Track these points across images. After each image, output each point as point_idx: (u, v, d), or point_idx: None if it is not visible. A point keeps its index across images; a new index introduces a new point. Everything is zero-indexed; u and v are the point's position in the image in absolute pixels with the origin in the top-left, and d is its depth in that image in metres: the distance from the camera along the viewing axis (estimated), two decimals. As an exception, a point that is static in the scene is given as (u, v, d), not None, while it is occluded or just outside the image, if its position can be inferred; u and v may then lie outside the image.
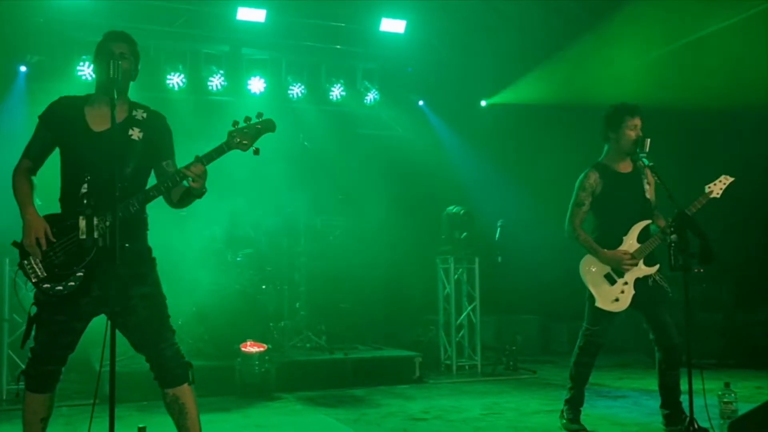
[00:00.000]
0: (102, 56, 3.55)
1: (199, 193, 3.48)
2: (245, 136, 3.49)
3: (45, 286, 3.39)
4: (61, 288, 3.38)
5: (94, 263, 3.39)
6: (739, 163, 5.14)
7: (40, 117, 3.62)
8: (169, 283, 3.68)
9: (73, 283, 3.39)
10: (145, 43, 8.61)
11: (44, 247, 3.39)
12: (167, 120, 3.76)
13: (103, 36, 3.67)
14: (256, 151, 3.51)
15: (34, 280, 3.41)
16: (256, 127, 3.52)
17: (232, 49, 9.16)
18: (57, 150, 3.64)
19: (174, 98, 8.68)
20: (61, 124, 3.56)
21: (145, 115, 3.66)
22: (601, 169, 5.04)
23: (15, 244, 3.47)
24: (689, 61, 9.06)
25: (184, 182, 3.48)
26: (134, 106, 3.69)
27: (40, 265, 3.40)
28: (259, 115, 3.55)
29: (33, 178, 3.59)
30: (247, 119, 3.52)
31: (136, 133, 3.59)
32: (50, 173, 3.67)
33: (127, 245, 3.46)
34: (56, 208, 3.56)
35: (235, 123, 3.52)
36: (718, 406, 4.81)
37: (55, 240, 3.42)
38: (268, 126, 3.55)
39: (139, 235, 3.62)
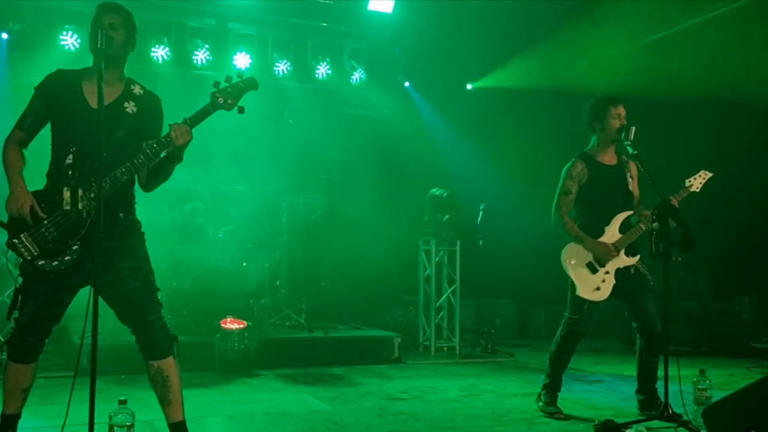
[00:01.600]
0: (93, 28, 3.50)
1: (176, 158, 3.47)
2: (228, 95, 3.50)
3: (40, 263, 3.35)
4: (57, 263, 3.35)
5: (87, 235, 3.36)
6: (717, 154, 5.18)
7: (36, 88, 3.56)
8: (150, 257, 3.66)
9: (69, 257, 3.37)
10: (130, 14, 8.50)
11: (28, 218, 3.34)
12: (161, 102, 3.73)
13: (96, 8, 3.61)
14: (241, 110, 3.52)
15: (28, 258, 3.35)
16: (239, 86, 3.53)
17: (218, 23, 9.04)
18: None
19: (158, 71, 8.56)
20: (58, 98, 3.50)
21: (141, 91, 3.64)
22: (586, 160, 5.10)
23: (1, 223, 3.40)
24: (675, 50, 9.11)
25: (162, 153, 3.45)
26: (132, 82, 3.66)
27: (32, 241, 3.35)
28: (240, 74, 3.56)
29: (24, 151, 3.54)
30: (228, 79, 3.53)
31: (130, 107, 3.56)
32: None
33: (121, 215, 3.48)
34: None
35: (216, 84, 3.52)
36: (692, 393, 4.89)
37: (45, 216, 3.38)
38: (251, 84, 3.56)
39: (127, 206, 3.61)
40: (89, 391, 2.99)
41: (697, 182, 4.91)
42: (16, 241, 3.36)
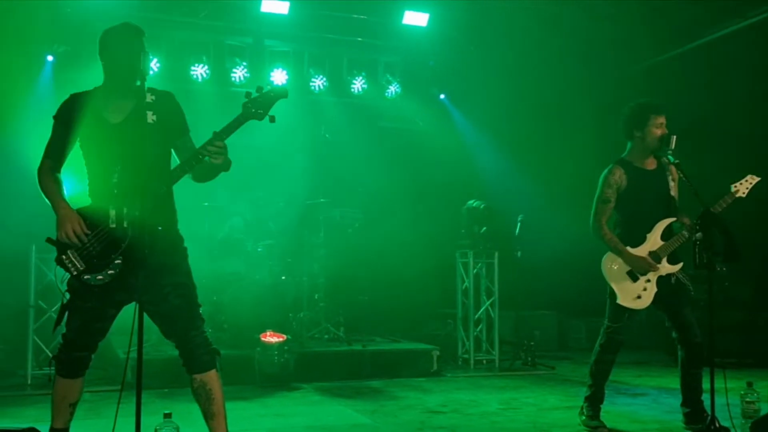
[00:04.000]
0: (122, 47, 3.59)
1: (225, 166, 3.52)
2: (259, 105, 3.52)
3: (86, 277, 3.44)
4: (101, 278, 3.44)
5: (129, 251, 3.44)
6: (762, 161, 5.09)
7: (54, 117, 3.64)
8: (191, 271, 3.72)
9: (113, 272, 3.44)
10: (170, 34, 8.69)
11: (83, 237, 3.43)
12: (176, 97, 3.78)
13: (113, 27, 3.69)
14: (272, 119, 3.53)
15: (74, 273, 3.45)
16: (269, 95, 3.54)
17: (255, 41, 9.17)
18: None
19: (197, 89, 8.69)
20: (77, 121, 3.57)
21: (153, 97, 3.67)
22: (625, 166, 5.00)
23: (50, 240, 3.50)
24: (707, 62, 9.00)
25: (206, 158, 3.48)
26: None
27: (78, 257, 3.45)
28: (270, 83, 3.58)
29: (58, 175, 3.62)
30: (259, 89, 3.55)
31: (150, 116, 3.59)
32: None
33: (160, 228, 3.51)
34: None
35: (248, 94, 3.54)
36: (739, 406, 4.78)
37: (89, 231, 3.46)
38: (280, 92, 3.57)
39: (169, 221, 3.67)
40: (135, 404, 3.04)
41: (743, 187, 4.80)
42: (63, 257, 3.47)
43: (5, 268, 6.97)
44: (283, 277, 8.01)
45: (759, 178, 4.80)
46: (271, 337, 6.87)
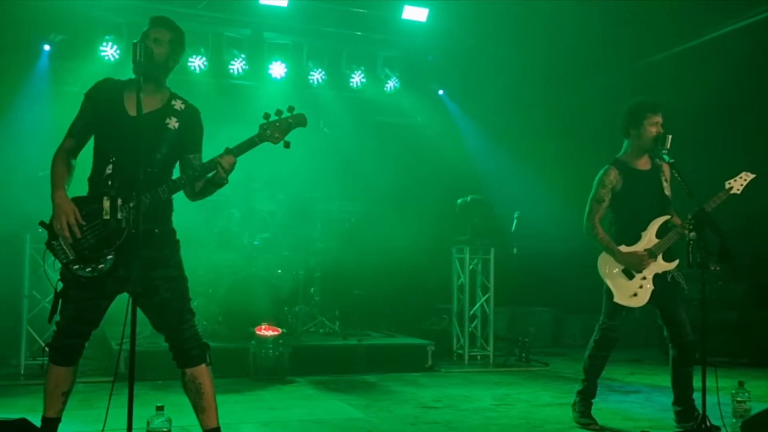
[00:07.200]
0: (140, 40, 3.58)
1: (222, 183, 3.52)
2: (277, 129, 3.54)
3: (74, 267, 3.45)
4: (90, 270, 3.44)
5: (123, 246, 3.44)
6: (756, 160, 5.10)
7: (85, 94, 3.66)
8: (186, 264, 3.72)
9: (103, 266, 3.44)
10: (168, 25, 8.65)
11: (75, 230, 3.42)
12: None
13: (148, 20, 3.70)
14: (287, 144, 3.56)
15: (63, 261, 3.46)
16: (288, 122, 3.55)
17: (254, 33, 9.14)
18: None
19: (195, 81, 8.66)
20: (102, 104, 3.60)
21: (183, 106, 3.70)
22: (620, 166, 5.04)
23: (43, 224, 3.51)
24: (710, 56, 9.00)
25: (208, 174, 3.51)
26: (174, 96, 3.73)
27: (69, 246, 3.45)
28: (291, 108, 3.58)
29: (73, 161, 3.63)
30: (279, 112, 3.55)
31: (173, 123, 3.63)
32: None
33: (156, 230, 3.55)
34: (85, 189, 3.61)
35: (266, 115, 3.54)
36: (731, 405, 4.80)
37: (84, 223, 3.46)
38: (300, 121, 3.59)
39: (165, 218, 3.67)
40: (127, 396, 3.04)
41: (737, 184, 4.82)
42: (54, 243, 3.47)
43: (-1, 257, 6.97)
44: (279, 271, 8.01)
45: (754, 175, 4.82)
46: (266, 331, 6.88)
